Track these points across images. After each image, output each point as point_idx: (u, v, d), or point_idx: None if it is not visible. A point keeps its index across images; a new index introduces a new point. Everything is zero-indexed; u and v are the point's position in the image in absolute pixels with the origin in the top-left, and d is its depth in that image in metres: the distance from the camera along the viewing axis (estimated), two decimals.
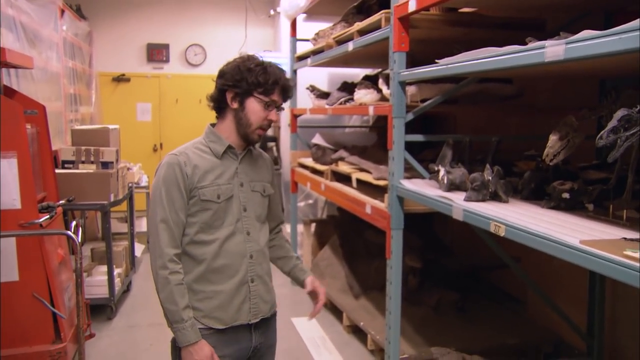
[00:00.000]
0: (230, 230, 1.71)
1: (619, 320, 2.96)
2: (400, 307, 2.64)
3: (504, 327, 3.46)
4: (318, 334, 3.85)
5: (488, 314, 3.67)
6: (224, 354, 1.69)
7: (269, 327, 1.85)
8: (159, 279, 1.65)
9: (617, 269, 1.37)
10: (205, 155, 1.72)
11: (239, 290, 1.72)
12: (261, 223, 1.81)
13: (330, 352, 3.55)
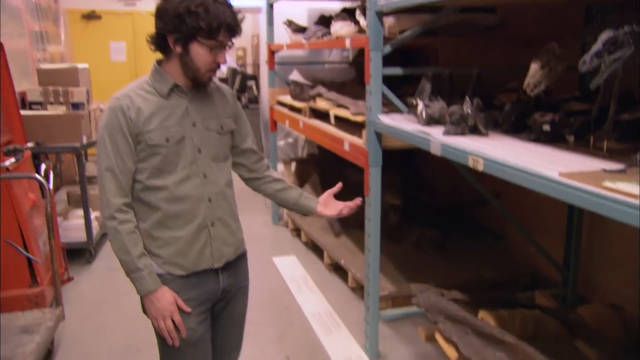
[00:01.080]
0: (184, 174, 1.60)
1: (594, 252, 2.99)
2: (379, 245, 2.62)
3: (483, 262, 3.48)
4: (299, 273, 3.86)
5: (468, 249, 3.69)
6: (189, 297, 1.63)
7: (238, 269, 1.79)
8: (109, 230, 1.57)
9: (595, 202, 1.33)
10: (150, 96, 1.59)
11: (198, 235, 1.63)
12: (220, 163, 1.69)
13: (311, 291, 3.57)
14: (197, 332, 1.64)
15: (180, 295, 1.61)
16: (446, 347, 2.18)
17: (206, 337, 1.68)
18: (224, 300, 1.74)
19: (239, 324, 1.84)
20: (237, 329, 1.83)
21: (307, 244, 4.35)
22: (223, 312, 1.76)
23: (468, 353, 2.05)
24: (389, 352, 2.81)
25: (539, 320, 2.21)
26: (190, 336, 1.62)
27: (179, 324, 1.59)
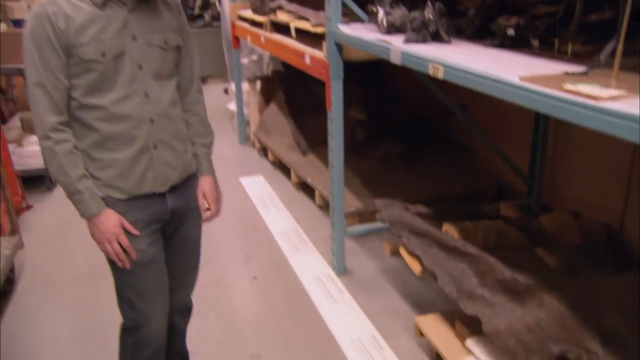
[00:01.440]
0: (123, 93, 1.47)
1: (559, 161, 2.99)
2: (343, 161, 2.56)
3: (450, 176, 3.48)
4: (267, 192, 3.82)
5: (435, 163, 3.67)
6: (136, 218, 1.54)
7: (187, 191, 1.68)
8: (44, 151, 1.45)
9: (555, 105, 1.27)
10: (82, 4, 1.42)
11: (139, 157, 1.51)
12: (163, 81, 1.55)
13: (278, 210, 3.54)
14: (148, 253, 1.57)
15: (126, 217, 1.52)
16: (410, 260, 2.18)
17: (158, 257, 1.62)
18: (175, 222, 1.66)
19: (193, 246, 1.77)
20: (192, 251, 1.77)
21: (275, 163, 4.29)
22: (175, 234, 1.68)
23: (431, 265, 2.05)
24: (356, 268, 2.82)
25: (501, 231, 2.22)
26: (141, 258, 1.56)
27: (127, 247, 1.52)
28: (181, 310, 1.81)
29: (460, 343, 1.99)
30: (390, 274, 2.75)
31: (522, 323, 1.66)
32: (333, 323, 2.39)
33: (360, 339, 2.28)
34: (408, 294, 2.57)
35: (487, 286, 1.87)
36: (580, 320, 1.56)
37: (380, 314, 2.44)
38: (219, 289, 2.67)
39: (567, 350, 1.57)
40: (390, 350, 2.20)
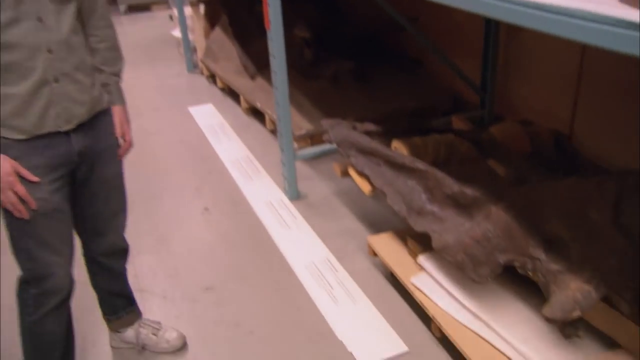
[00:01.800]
0: (9, 16, 1.28)
1: (510, 71, 2.93)
2: (287, 83, 2.45)
3: (403, 91, 3.40)
4: (216, 120, 3.70)
5: (388, 79, 3.58)
6: (35, 164, 1.39)
7: (97, 128, 1.52)
8: None
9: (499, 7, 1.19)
10: None
11: (38, 92, 1.35)
12: (62, 4, 1.37)
13: (229, 138, 3.44)
14: (51, 201, 1.42)
15: (22, 162, 1.36)
16: (359, 180, 2.13)
17: (63, 207, 1.48)
18: (87, 164, 1.51)
19: (115, 186, 1.64)
20: (114, 192, 1.64)
21: (224, 89, 4.15)
22: (90, 177, 1.54)
23: (380, 184, 2.01)
24: (310, 191, 2.78)
25: (451, 144, 2.18)
26: (42, 207, 1.41)
27: (24, 196, 1.37)
28: (116, 253, 1.72)
29: (413, 260, 1.98)
30: (344, 195, 2.72)
31: (470, 236, 1.65)
32: (287, 249, 2.36)
33: (314, 262, 2.26)
34: (362, 215, 2.55)
35: (437, 201, 1.84)
36: (525, 228, 1.55)
37: (334, 236, 2.42)
38: (169, 223, 2.60)
39: (513, 259, 1.56)
40: (345, 271, 2.19)
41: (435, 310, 1.78)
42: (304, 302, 2.07)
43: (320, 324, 1.96)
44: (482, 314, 1.68)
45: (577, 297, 1.38)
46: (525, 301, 1.71)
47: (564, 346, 1.53)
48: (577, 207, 1.45)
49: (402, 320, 1.94)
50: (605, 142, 2.48)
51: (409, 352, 1.81)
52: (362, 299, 2.04)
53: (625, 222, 1.33)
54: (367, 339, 1.87)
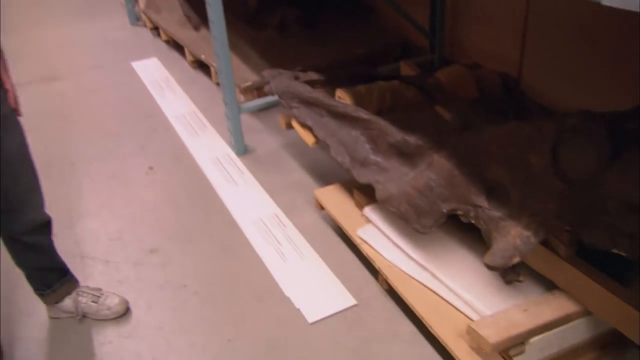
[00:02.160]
0: None
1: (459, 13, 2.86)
2: (225, 32, 2.33)
3: (352, 38, 3.30)
4: (161, 74, 3.54)
5: (336, 26, 3.47)
6: None
7: None
8: None
9: None
10: None
11: None
12: None
13: (175, 92, 3.31)
14: None
15: None
16: (302, 132, 2.06)
17: None
18: None
19: (21, 160, 1.51)
20: (21, 165, 1.52)
21: (169, 42, 3.97)
22: None
23: (323, 136, 1.95)
24: (257, 145, 2.70)
25: (397, 91, 2.11)
26: None
27: None
28: (37, 229, 1.62)
29: (360, 212, 1.95)
30: (293, 147, 2.65)
31: (413, 186, 1.61)
32: (234, 205, 2.29)
33: (262, 218, 2.20)
34: (311, 167, 2.49)
35: (380, 151, 1.79)
36: (467, 176, 1.51)
37: (282, 190, 2.36)
38: (112, 185, 2.50)
39: (456, 208, 1.53)
40: (293, 226, 2.15)
41: (382, 262, 1.75)
42: (251, 259, 2.02)
43: (267, 281, 1.92)
44: (428, 264, 1.66)
45: (517, 243, 1.36)
46: (471, 248, 1.69)
47: (506, 291, 1.53)
48: (517, 152, 1.42)
49: (350, 273, 1.91)
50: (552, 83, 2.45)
51: (357, 305, 1.79)
52: (310, 254, 2.01)
53: (563, 166, 1.30)
54: (315, 294, 1.84)
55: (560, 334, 1.41)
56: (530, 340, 1.37)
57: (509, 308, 1.43)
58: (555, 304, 1.42)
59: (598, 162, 1.25)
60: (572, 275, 1.40)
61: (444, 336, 1.50)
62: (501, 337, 1.34)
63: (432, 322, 1.54)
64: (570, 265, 1.40)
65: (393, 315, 1.74)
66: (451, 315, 1.55)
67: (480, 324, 1.38)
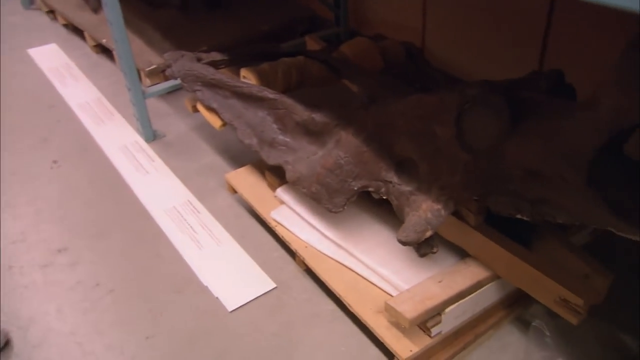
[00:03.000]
0: None
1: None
2: (121, 15, 2.14)
3: (259, 15, 3.16)
4: (61, 61, 3.27)
5: (242, 4, 3.31)
6: None
7: None
8: None
9: None
10: None
11: None
12: None
13: (77, 79, 3.06)
14: None
15: None
16: (209, 115, 1.93)
17: None
18: None
19: None
20: None
21: (68, 26, 3.67)
22: None
23: (229, 118, 1.83)
24: (167, 129, 2.54)
25: (303, 67, 2.01)
26: None
27: None
28: None
29: (273, 193, 1.86)
30: (203, 130, 2.51)
31: (323, 165, 1.53)
32: (145, 195, 2.14)
33: (175, 206, 2.07)
34: (223, 149, 2.37)
35: (288, 131, 1.70)
36: (375, 151, 1.45)
37: (194, 175, 2.23)
38: (13, 182, 2.28)
39: (367, 185, 1.47)
40: (207, 211, 2.03)
41: (298, 243, 1.68)
42: (166, 250, 1.89)
43: (184, 271, 1.81)
44: (343, 242, 1.60)
45: (429, 217, 1.31)
46: (385, 223, 1.64)
47: (421, 263, 1.49)
48: (422, 125, 1.36)
49: (268, 256, 1.83)
50: (454, 52, 2.43)
51: (277, 288, 1.71)
52: (226, 239, 1.90)
53: (467, 137, 1.26)
54: (233, 281, 1.74)
55: (472, 301, 1.39)
56: (445, 310, 1.34)
57: (425, 281, 1.39)
58: (467, 272, 1.40)
59: (499, 131, 1.22)
60: (481, 243, 1.38)
61: (362, 313, 1.45)
62: (418, 311, 1.30)
63: (350, 300, 1.49)
64: (479, 233, 1.38)
65: (313, 296, 1.68)
66: (369, 291, 1.50)
67: (397, 300, 1.34)
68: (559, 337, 1.38)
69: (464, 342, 1.43)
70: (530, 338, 1.39)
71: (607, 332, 1.43)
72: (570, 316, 1.24)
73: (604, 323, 1.43)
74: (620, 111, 1.07)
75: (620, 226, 1.10)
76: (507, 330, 1.51)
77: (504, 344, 1.48)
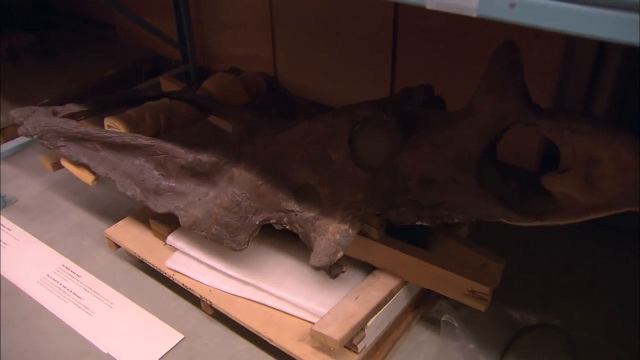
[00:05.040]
0: None
1: (205, 20, 2.76)
2: None
3: (98, 60, 2.98)
4: None
5: (77, 49, 3.10)
6: None
7: None
8: None
9: None
10: None
11: None
12: None
13: None
14: None
15: None
16: (78, 171, 1.77)
17: None
18: None
19: None
20: None
21: None
22: None
23: (104, 171, 1.69)
24: (18, 193, 2.27)
25: (169, 109, 1.93)
26: None
27: None
28: None
29: (162, 242, 1.75)
30: (62, 187, 2.28)
31: (219, 205, 1.48)
32: (10, 269, 1.89)
33: (49, 274, 1.86)
34: (90, 205, 2.18)
35: (172, 176, 1.61)
36: (272, 183, 1.44)
37: (64, 237, 2.02)
38: None
39: (268, 217, 1.45)
40: (88, 273, 1.85)
41: (201, 288, 1.60)
42: (52, 325, 1.68)
43: (78, 343, 1.62)
44: (248, 278, 1.56)
45: (337, 238, 1.33)
46: (287, 252, 1.63)
47: (331, 284, 1.50)
48: (316, 151, 1.38)
49: (167, 308, 1.71)
50: (306, 77, 2.50)
51: (185, 339, 1.60)
52: (118, 299, 1.75)
53: (362, 157, 1.30)
54: (136, 342, 1.60)
55: (388, 310, 1.43)
56: (367, 324, 1.37)
57: (342, 300, 1.40)
58: (379, 284, 1.44)
59: (393, 147, 1.28)
60: (387, 254, 1.43)
61: (285, 344, 1.42)
62: (344, 330, 1.30)
63: (269, 334, 1.45)
64: (384, 245, 1.42)
65: (225, 339, 1.60)
66: (286, 322, 1.47)
67: (322, 324, 1.33)
68: (466, 326, 1.47)
69: (385, 350, 1.46)
70: (443, 333, 1.47)
71: (504, 312, 1.56)
72: (479, 304, 1.33)
73: (498, 304, 1.55)
74: (496, 115, 1.18)
75: (511, 216, 1.21)
76: (418, 330, 1.57)
77: (418, 343, 1.54)
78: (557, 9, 0.56)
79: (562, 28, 0.56)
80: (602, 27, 0.55)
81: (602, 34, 0.56)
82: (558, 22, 0.56)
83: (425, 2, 0.60)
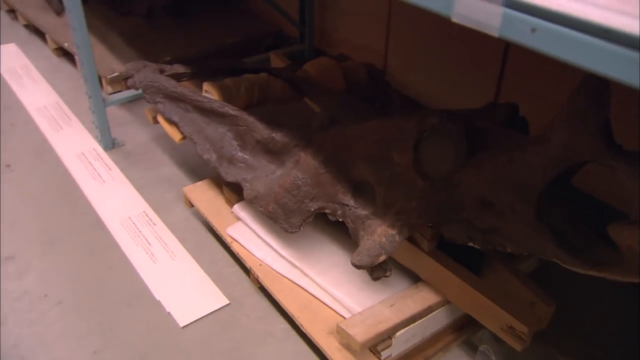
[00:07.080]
0: None
1: (327, 5, 2.79)
2: (84, 21, 2.07)
3: (223, 28, 3.13)
4: (20, 62, 3.15)
5: (208, 15, 3.27)
6: None
7: None
8: None
9: None
10: None
11: None
12: None
13: (36, 82, 2.95)
14: None
15: None
16: (169, 128, 1.89)
17: None
18: None
19: None
20: None
21: (29, 27, 3.55)
22: None
23: (189, 132, 1.79)
24: (127, 138, 2.47)
25: (265, 84, 1.99)
26: None
27: None
28: None
29: (230, 209, 1.82)
30: (163, 141, 2.45)
31: (281, 185, 1.51)
32: (100, 205, 2.07)
33: (131, 217, 2.01)
34: (182, 161, 2.32)
35: (248, 149, 1.67)
36: (333, 174, 1.44)
37: (152, 186, 2.17)
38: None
39: (324, 207, 1.46)
40: (163, 224, 1.98)
41: (253, 260, 1.65)
42: (119, 262, 1.83)
43: (136, 285, 1.75)
44: (298, 262, 1.58)
45: (383, 241, 1.31)
46: (340, 244, 1.63)
47: (374, 286, 1.48)
48: (380, 151, 1.36)
49: (222, 272, 1.79)
50: (414, 76, 2.45)
51: (230, 305, 1.67)
52: (181, 253, 1.85)
53: (424, 165, 1.26)
54: (186, 296, 1.70)
55: (423, 325, 1.39)
56: (396, 334, 1.34)
57: (377, 304, 1.38)
58: (419, 297, 1.40)
59: (456, 161, 1.22)
60: (433, 268, 1.38)
61: (314, 334, 1.43)
62: (369, 334, 1.29)
63: (303, 320, 1.46)
64: (432, 259, 1.38)
65: (266, 314, 1.64)
66: (322, 312, 1.48)
67: (349, 323, 1.33)
68: None
69: None
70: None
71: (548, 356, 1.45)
72: (515, 343, 1.24)
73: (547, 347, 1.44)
74: (568, 148, 1.09)
75: (565, 258, 1.12)
76: (455, 354, 1.51)
77: None
78: (581, 42, 0.50)
79: (581, 63, 0.50)
80: (628, 70, 0.49)
81: (626, 78, 0.49)
82: (578, 56, 0.50)
83: (452, 15, 0.57)
